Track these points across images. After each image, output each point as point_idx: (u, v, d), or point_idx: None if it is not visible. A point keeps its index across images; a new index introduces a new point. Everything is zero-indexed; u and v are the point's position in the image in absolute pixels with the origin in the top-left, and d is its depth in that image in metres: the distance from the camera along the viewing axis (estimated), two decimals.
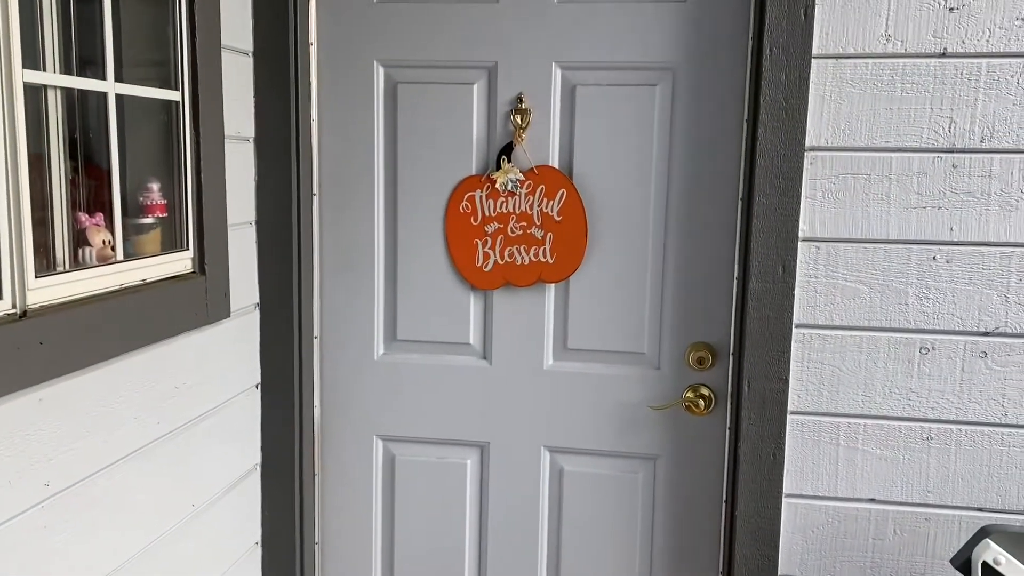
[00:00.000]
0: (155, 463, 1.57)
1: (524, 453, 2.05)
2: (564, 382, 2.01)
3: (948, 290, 1.74)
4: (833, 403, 1.81)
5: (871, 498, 1.82)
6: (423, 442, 2.09)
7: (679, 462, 1.98)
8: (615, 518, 2.03)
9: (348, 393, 2.09)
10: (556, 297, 1.99)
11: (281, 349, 1.97)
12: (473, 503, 2.09)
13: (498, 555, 2.08)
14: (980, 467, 1.77)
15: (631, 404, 1.99)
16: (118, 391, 1.45)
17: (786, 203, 1.76)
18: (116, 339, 1.40)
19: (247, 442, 1.93)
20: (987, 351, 1.74)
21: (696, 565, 2.00)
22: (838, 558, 1.85)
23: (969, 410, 1.76)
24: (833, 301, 1.78)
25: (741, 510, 1.85)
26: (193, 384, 1.69)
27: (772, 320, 1.79)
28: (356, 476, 2.11)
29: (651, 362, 1.98)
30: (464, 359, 2.05)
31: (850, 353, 1.79)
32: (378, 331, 2.07)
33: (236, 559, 1.90)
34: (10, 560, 1.22)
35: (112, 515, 1.45)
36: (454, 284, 2.02)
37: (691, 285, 1.93)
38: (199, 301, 1.65)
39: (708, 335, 1.94)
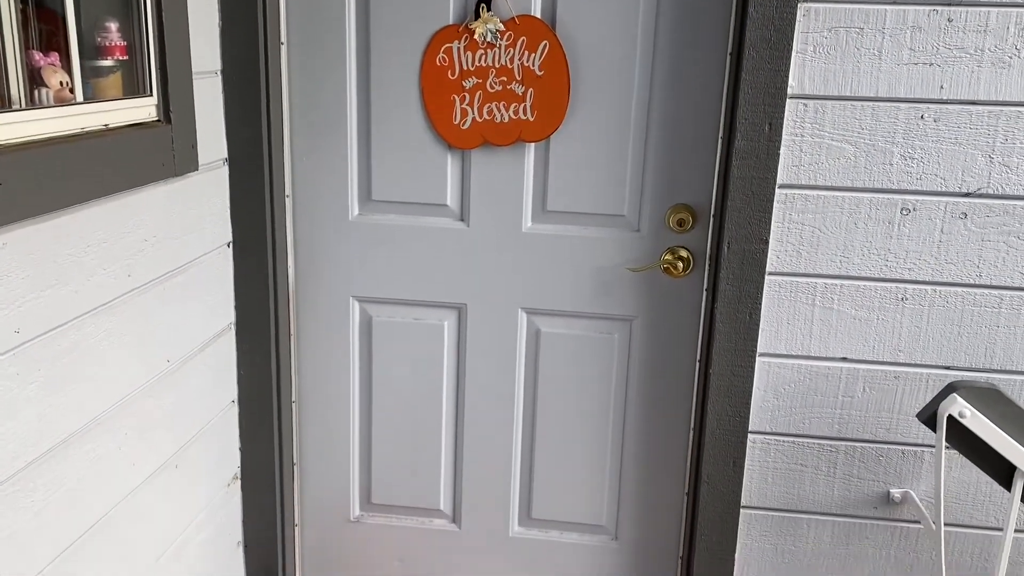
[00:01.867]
0: (127, 317, 1.54)
1: (501, 315, 2.04)
2: (542, 244, 1.98)
3: (934, 150, 1.72)
4: (811, 264, 1.81)
5: (843, 357, 1.86)
6: (400, 303, 2.07)
7: (655, 324, 2.00)
8: (590, 379, 2.05)
9: (323, 254, 2.05)
10: (536, 157, 1.94)
11: (252, 207, 1.91)
12: (450, 364, 2.10)
13: (474, 415, 2.11)
14: (951, 327, 1.81)
15: (609, 266, 1.97)
16: (85, 241, 1.40)
17: (776, 57, 1.70)
18: (81, 185, 1.33)
19: (220, 301, 1.90)
20: (967, 212, 1.74)
21: (668, 423, 2.05)
22: (807, 415, 1.89)
23: (945, 271, 1.78)
24: (818, 161, 1.76)
25: (715, 369, 1.88)
26: (163, 238, 1.64)
27: (756, 180, 1.77)
28: (332, 337, 2.10)
29: (631, 224, 1.95)
30: (441, 220, 2.01)
31: (831, 214, 1.78)
32: (352, 191, 2.01)
33: (212, 417, 1.90)
34: None
35: (85, 367, 1.42)
36: (430, 142, 1.95)
37: (675, 145, 1.89)
38: (165, 151, 1.58)
39: (689, 197, 1.91)
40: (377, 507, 2.20)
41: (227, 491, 2.00)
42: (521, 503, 2.15)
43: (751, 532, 1.98)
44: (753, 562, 1.99)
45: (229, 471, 2.01)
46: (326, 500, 2.20)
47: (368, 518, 2.21)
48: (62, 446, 1.38)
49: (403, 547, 2.20)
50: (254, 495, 2.07)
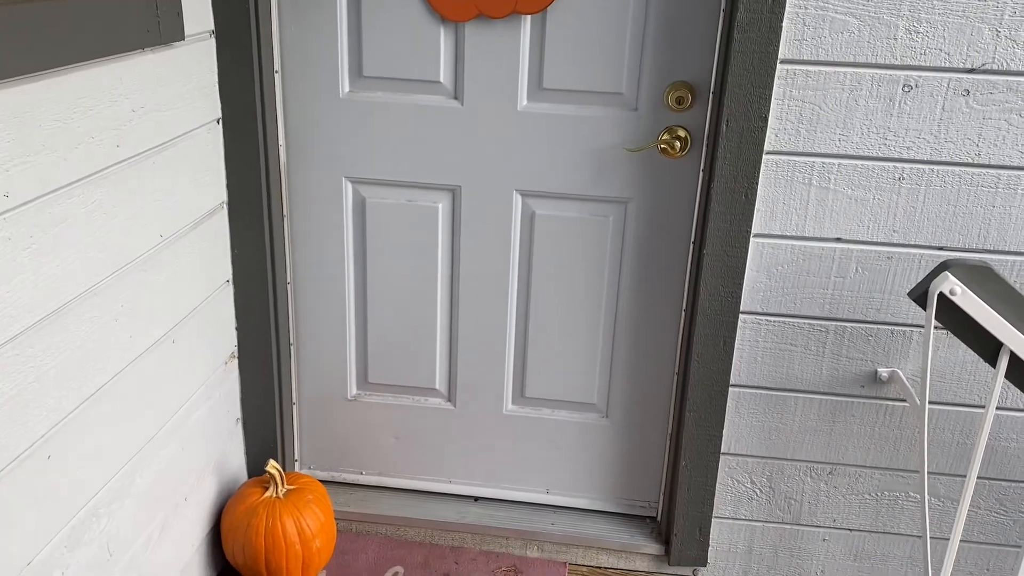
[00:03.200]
0: (118, 189, 1.52)
1: (496, 196, 2.03)
2: (538, 124, 1.95)
3: (940, 23, 1.68)
4: (810, 142, 1.79)
5: (837, 237, 1.86)
6: (393, 184, 2.05)
7: (650, 205, 1.99)
8: (584, 261, 2.06)
9: (314, 132, 2.02)
10: (532, 31, 1.89)
11: (241, 82, 1.87)
12: (445, 246, 2.09)
13: (469, 296, 2.12)
14: (947, 207, 1.80)
15: (606, 147, 1.95)
16: (71, 106, 1.37)
17: None
18: (65, 46, 1.30)
19: (212, 178, 1.88)
20: (970, 89, 1.71)
21: (661, 304, 2.06)
22: (799, 295, 1.91)
23: (944, 150, 1.76)
24: (820, 35, 1.71)
25: (708, 250, 1.88)
26: (151, 110, 1.60)
27: (757, 55, 1.73)
28: (326, 218, 2.09)
29: (628, 103, 1.92)
30: (434, 99, 1.97)
31: (832, 91, 1.75)
32: (343, 66, 1.97)
33: (207, 295, 1.91)
34: None
35: (78, 235, 1.42)
36: (422, 14, 1.89)
37: (675, 18, 1.83)
38: (150, 15, 1.53)
39: (689, 74, 1.87)
40: (374, 386, 2.24)
41: (225, 369, 2.03)
42: (515, 382, 2.19)
43: (739, 410, 2.02)
44: (741, 439, 2.04)
45: (226, 349, 2.03)
46: (323, 379, 2.23)
47: (365, 396, 2.25)
48: (58, 313, 1.38)
49: (399, 424, 2.25)
50: (252, 373, 2.10)
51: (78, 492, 1.48)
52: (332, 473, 2.32)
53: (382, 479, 2.31)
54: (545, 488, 2.27)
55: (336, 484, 2.32)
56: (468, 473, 2.28)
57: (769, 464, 2.07)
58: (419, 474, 2.30)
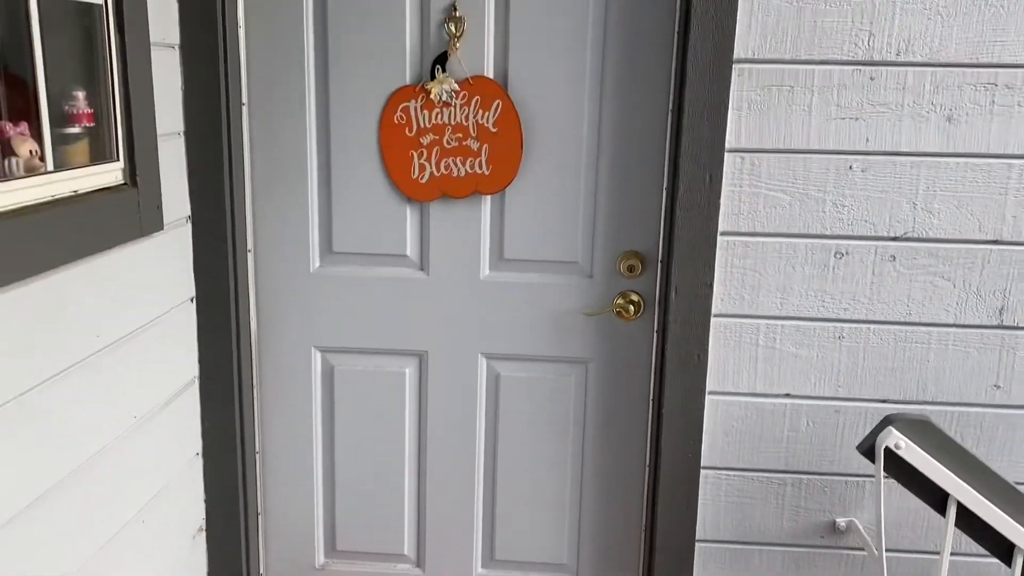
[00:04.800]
0: (96, 375, 1.57)
1: (462, 360, 2.11)
2: (500, 291, 2.06)
3: (862, 197, 1.84)
4: (754, 306, 1.92)
5: (787, 393, 1.96)
6: (361, 352, 2.12)
7: (610, 365, 2.08)
8: (549, 420, 2.12)
9: (285, 306, 2.10)
10: (492, 208, 2.03)
11: (215, 263, 1.96)
12: (412, 410, 2.15)
13: (437, 459, 2.16)
14: (886, 362, 1.92)
15: (565, 311, 2.06)
16: (56, 305, 1.43)
17: (714, 114, 1.81)
18: (52, 251, 1.38)
19: (184, 355, 1.94)
20: (896, 255, 1.87)
21: (625, 461, 2.12)
22: (756, 449, 1.99)
23: (878, 310, 1.90)
24: (756, 209, 1.87)
25: (667, 408, 1.97)
26: (130, 297, 1.67)
27: (699, 228, 1.87)
28: (295, 387, 2.14)
29: (584, 271, 2.04)
30: (401, 270, 2.08)
31: (770, 259, 1.89)
32: (313, 244, 2.07)
33: (178, 469, 1.92)
34: None
35: (56, 427, 1.45)
36: (390, 196, 2.03)
37: (623, 195, 1.99)
38: (132, 213, 1.63)
39: (638, 244, 2.01)
40: (342, 554, 2.23)
41: (193, 543, 2.02)
42: (484, 545, 2.20)
43: (707, 565, 2.05)
44: None
45: (194, 523, 2.03)
46: (291, 549, 2.22)
47: (333, 565, 2.23)
48: (34, 506, 1.40)
49: None
50: (219, 546, 2.09)
51: None
52: None
53: None
54: None
55: None
56: None
57: None
58: None
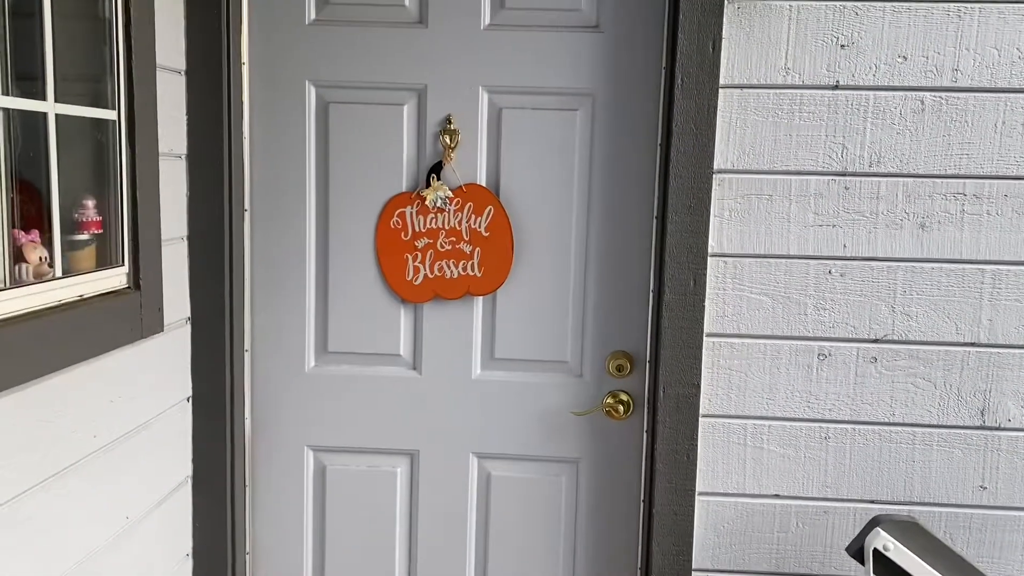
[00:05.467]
0: (90, 477, 1.59)
1: (453, 460, 2.13)
2: (492, 390, 2.10)
3: (842, 301, 1.91)
4: (740, 406, 1.95)
5: (775, 493, 1.97)
6: (353, 451, 2.14)
7: (600, 464, 2.10)
8: (540, 519, 2.13)
9: (279, 405, 2.13)
10: (484, 309, 2.08)
11: (212, 363, 2.00)
12: (403, 509, 2.15)
13: (428, 559, 2.15)
14: (871, 462, 1.94)
15: (555, 410, 2.09)
16: (56, 406, 1.47)
17: (696, 221, 1.89)
18: (55, 355, 1.42)
19: (178, 455, 1.95)
20: (877, 356, 1.91)
21: (616, 561, 2.11)
22: (747, 550, 1.99)
23: (862, 411, 1.93)
24: (740, 312, 1.93)
25: (658, 508, 1.98)
26: (127, 398, 1.71)
27: (685, 330, 1.93)
28: (287, 487, 2.15)
29: (574, 370, 2.08)
30: (394, 370, 2.12)
31: (755, 359, 1.94)
32: (309, 344, 2.12)
33: (168, 571, 1.91)
34: None
35: (49, 528, 1.47)
36: (384, 297, 2.09)
37: (611, 298, 2.05)
38: (134, 316, 1.68)
39: (627, 344, 2.06)
40: None
41: None
42: None
43: None
44: None
45: None
46: None
47: None
48: None
49: None
50: None
51: None
52: None
53: None
54: None
55: None
56: None
57: None
58: None
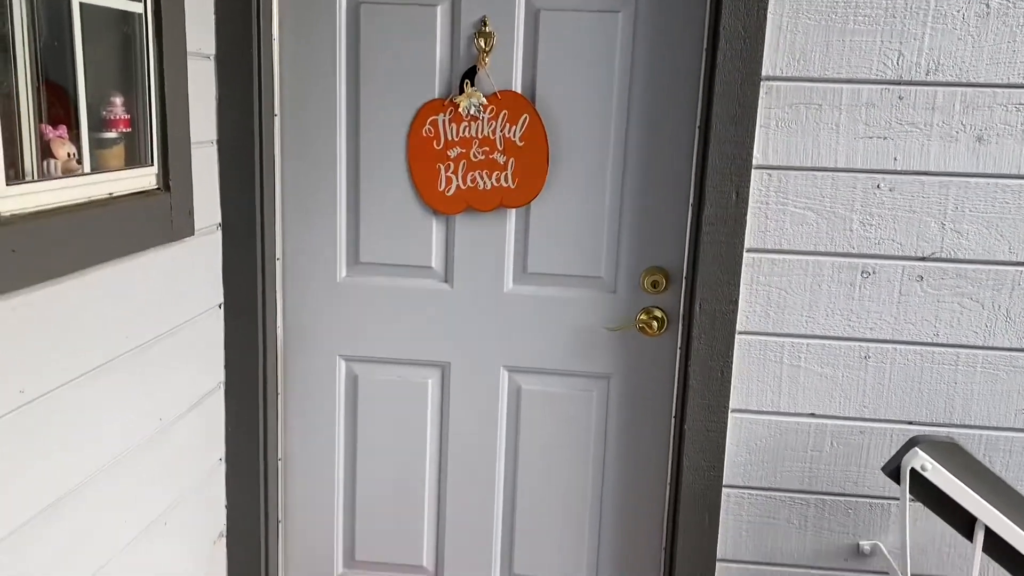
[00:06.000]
0: (124, 377, 1.59)
1: (484, 373, 2.11)
2: (523, 305, 2.07)
3: (890, 217, 1.84)
4: (779, 324, 1.91)
5: (811, 413, 1.94)
6: (385, 362, 2.13)
7: (631, 380, 2.07)
8: (570, 435, 2.12)
9: (311, 315, 2.12)
10: (517, 222, 2.04)
11: (244, 270, 1.98)
12: (434, 421, 2.16)
13: (457, 472, 2.16)
14: (912, 383, 1.90)
15: (587, 326, 2.06)
16: (89, 303, 1.46)
17: (741, 131, 1.82)
18: (86, 251, 1.41)
19: (211, 361, 1.96)
20: (923, 275, 1.85)
21: (646, 478, 2.11)
22: (779, 468, 1.97)
23: (904, 330, 1.88)
24: (782, 227, 1.87)
25: (690, 425, 1.96)
26: (159, 301, 1.70)
27: (724, 245, 1.87)
28: (319, 395, 2.15)
29: (607, 286, 2.04)
30: (426, 282, 2.09)
31: (796, 276, 1.88)
32: (340, 254, 2.10)
33: (201, 475, 1.94)
34: None
35: (85, 425, 1.47)
36: (416, 208, 2.05)
37: (648, 211, 1.99)
38: (164, 218, 1.66)
39: (663, 260, 2.01)
40: (360, 564, 2.23)
41: (213, 548, 2.03)
42: (503, 558, 2.19)
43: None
44: None
45: (215, 529, 2.04)
46: (310, 558, 2.23)
47: (351, 575, 2.23)
48: (59, 503, 1.42)
49: None
50: (239, 553, 2.10)
51: None
52: None
53: None
54: None
55: None
56: None
57: None
58: None
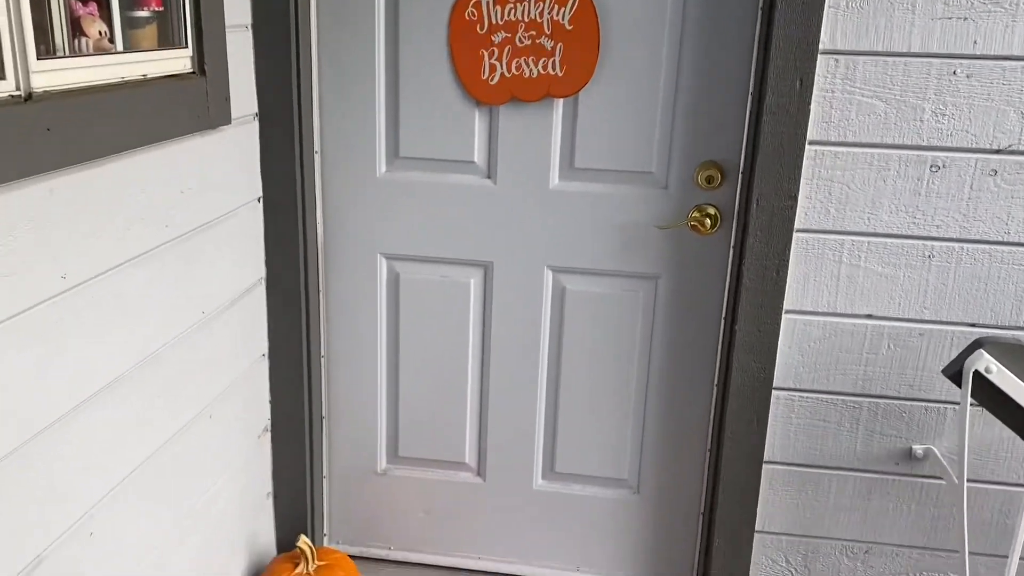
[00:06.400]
0: (164, 267, 1.56)
1: (527, 272, 2.06)
2: (569, 201, 1.99)
3: (965, 106, 1.72)
4: (839, 221, 1.82)
5: (868, 314, 1.87)
6: (427, 261, 2.09)
7: (681, 281, 2.01)
8: (614, 336, 2.07)
9: (351, 210, 2.07)
10: (564, 113, 1.95)
11: (282, 162, 1.93)
12: (476, 321, 2.12)
13: (500, 371, 2.13)
14: (978, 284, 1.81)
15: (636, 224, 1.98)
16: (126, 189, 1.42)
17: (808, 12, 1.69)
18: (123, 133, 1.35)
19: (251, 255, 1.92)
20: (997, 169, 1.74)
21: (692, 380, 2.07)
22: (832, 371, 1.91)
23: (973, 228, 1.78)
24: (847, 117, 1.76)
25: (741, 325, 1.90)
26: (197, 190, 1.65)
27: (786, 137, 1.77)
28: (360, 293, 2.12)
29: (658, 182, 1.96)
30: (468, 178, 2.02)
31: (860, 171, 1.78)
32: (380, 148, 2.03)
33: (244, 369, 1.93)
34: (27, 350, 1.22)
35: (126, 315, 1.45)
36: (458, 99, 1.96)
37: (704, 101, 1.89)
38: (200, 103, 1.59)
39: (718, 153, 1.91)
40: (404, 460, 2.23)
41: (258, 443, 2.04)
42: (545, 457, 2.19)
43: (773, 487, 2.00)
44: (775, 516, 2.02)
45: (260, 423, 2.04)
46: (354, 453, 2.24)
47: (395, 470, 2.25)
48: (105, 391, 1.41)
49: (429, 499, 2.24)
50: (284, 447, 2.11)
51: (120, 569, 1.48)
52: (361, 548, 2.31)
53: (411, 555, 2.29)
54: (575, 566, 2.24)
55: (365, 560, 2.30)
56: (497, 550, 2.26)
57: (804, 543, 2.04)
58: (448, 550, 2.28)
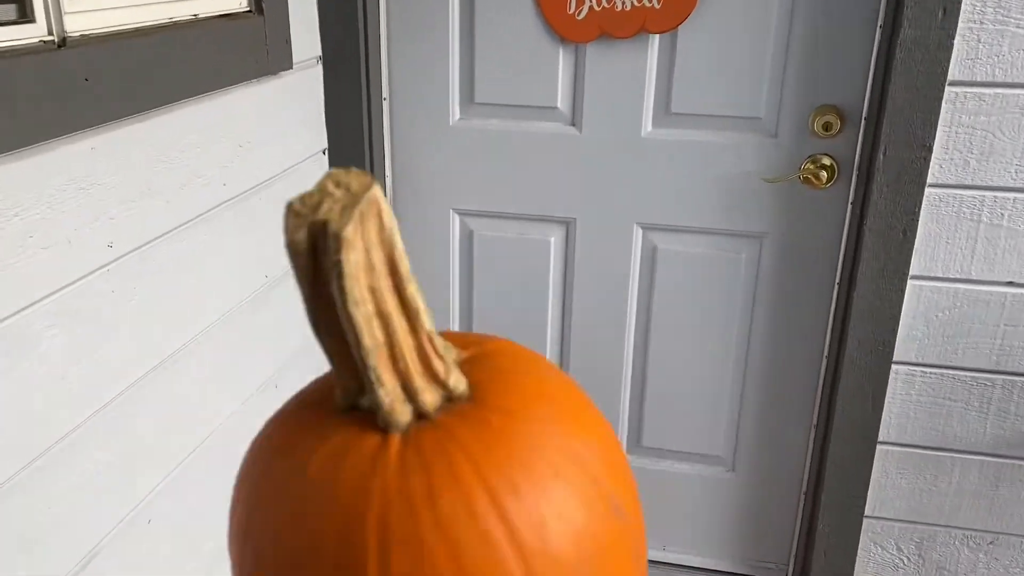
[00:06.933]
0: (223, 229, 1.42)
1: (614, 230, 1.87)
2: (664, 151, 1.79)
3: None
4: (980, 175, 1.58)
5: (1009, 281, 1.63)
6: (503, 217, 1.91)
7: (790, 241, 1.80)
8: (712, 301, 1.88)
9: (421, 162, 1.89)
10: (660, 51, 1.73)
11: (348, 111, 1.76)
12: (556, 283, 1.95)
13: (582, 337, 1.96)
14: None
15: (740, 176, 1.77)
16: (178, 145, 1.27)
17: None
18: (172, 82, 1.20)
19: None
20: None
21: (799, 351, 1.87)
22: (962, 345, 1.69)
23: None
24: (999, 53, 1.50)
25: (859, 292, 1.68)
26: (257, 144, 1.50)
27: (922, 76, 1.53)
28: (432, 251, 1.96)
29: (767, 129, 1.74)
30: (550, 125, 1.83)
31: (1010, 116, 1.53)
32: (453, 93, 1.84)
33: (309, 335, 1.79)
34: (78, 325, 1.10)
35: (183, 283, 1.32)
36: (541, 36, 1.75)
37: (823, 37, 1.64)
38: (259, 46, 1.43)
39: (838, 96, 1.68)
40: None
41: None
42: (631, 430, 2.02)
43: (886, 470, 1.81)
44: (887, 501, 1.83)
45: None
46: None
47: None
48: (160, 369, 1.28)
49: None
50: None
51: (180, 555, 1.38)
52: None
53: None
54: (662, 545, 2.09)
55: None
56: None
57: (919, 530, 1.85)
58: None
